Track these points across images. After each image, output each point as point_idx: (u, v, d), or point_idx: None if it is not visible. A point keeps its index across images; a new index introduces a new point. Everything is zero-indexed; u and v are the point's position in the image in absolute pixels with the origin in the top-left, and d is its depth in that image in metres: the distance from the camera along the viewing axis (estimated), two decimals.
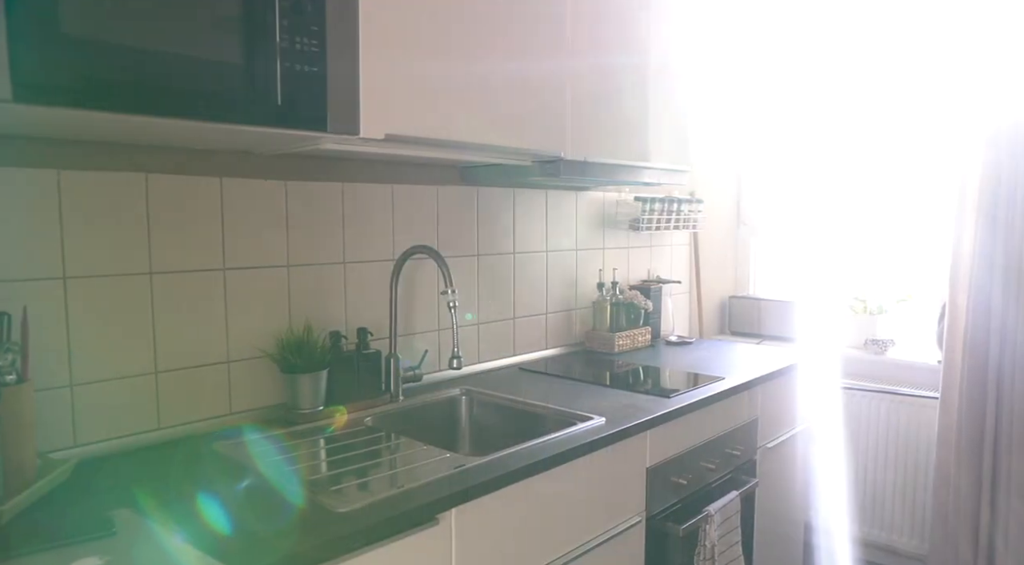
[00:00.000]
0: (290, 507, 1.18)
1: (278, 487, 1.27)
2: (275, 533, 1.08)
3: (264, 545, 1.05)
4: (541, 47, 1.81)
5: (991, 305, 2.43)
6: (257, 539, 1.07)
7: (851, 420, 2.90)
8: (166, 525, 1.09)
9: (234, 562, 0.99)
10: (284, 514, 1.16)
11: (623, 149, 2.14)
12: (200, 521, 1.12)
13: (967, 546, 2.50)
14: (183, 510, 1.16)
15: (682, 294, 3.09)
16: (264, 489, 1.27)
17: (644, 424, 1.70)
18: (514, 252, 2.32)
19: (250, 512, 1.17)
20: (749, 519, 2.23)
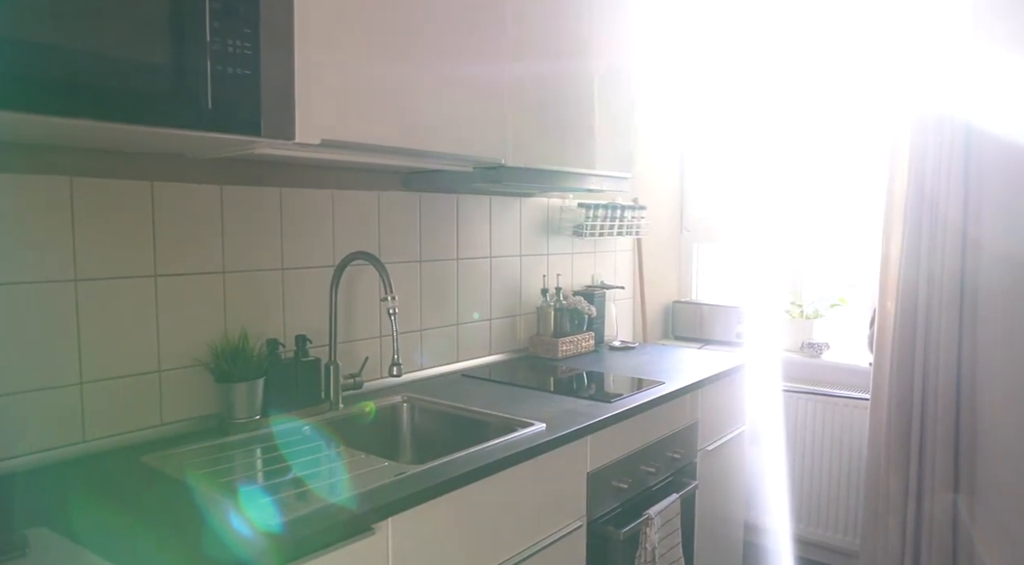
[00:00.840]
0: (218, 520, 1.15)
1: (206, 500, 1.23)
2: (200, 549, 1.05)
3: (188, 562, 1.02)
4: (480, 52, 1.81)
5: (917, 309, 2.53)
6: (180, 556, 1.03)
7: (788, 421, 2.98)
8: (83, 543, 1.05)
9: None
10: (211, 528, 1.13)
11: (566, 156, 2.15)
12: (120, 538, 1.09)
13: (895, 541, 2.59)
14: (103, 527, 1.12)
15: (626, 299, 3.13)
16: (191, 502, 1.23)
17: (584, 429, 1.72)
18: (457, 258, 2.32)
19: (174, 527, 1.13)
20: (689, 521, 2.27)
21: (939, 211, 2.48)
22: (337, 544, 1.17)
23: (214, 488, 1.28)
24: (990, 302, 2.50)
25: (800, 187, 3.19)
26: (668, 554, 2.04)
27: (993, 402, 2.51)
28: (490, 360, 2.46)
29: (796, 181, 3.19)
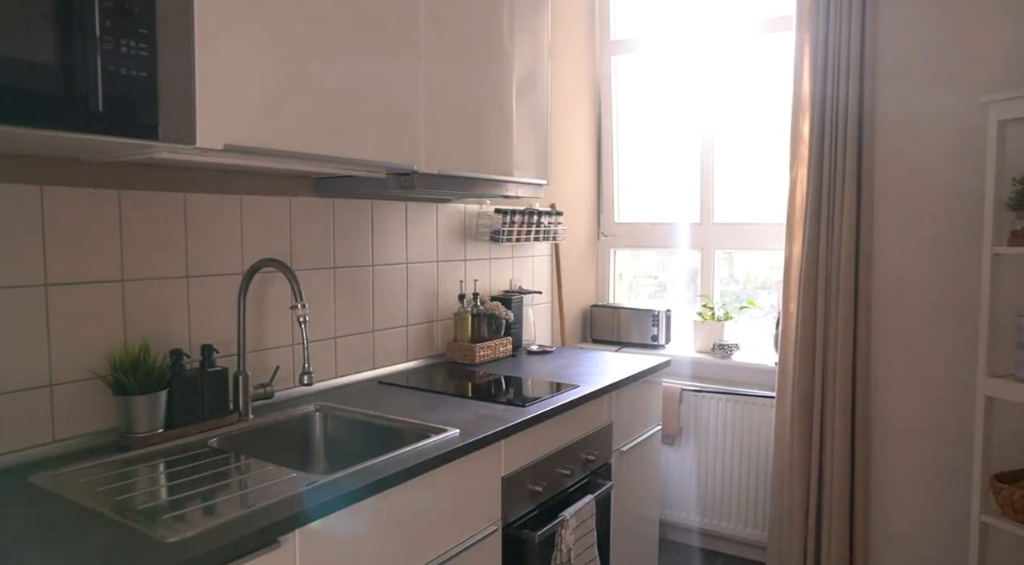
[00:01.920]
0: (111, 541, 1.10)
1: (99, 520, 1.18)
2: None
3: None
4: (392, 55, 1.80)
5: (816, 310, 2.67)
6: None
7: (700, 420, 3.08)
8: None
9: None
10: (103, 550, 1.08)
11: (482, 162, 2.17)
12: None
13: (799, 533, 2.71)
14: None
15: (544, 304, 3.17)
16: (82, 523, 1.18)
17: (498, 434, 1.73)
18: (372, 264, 2.29)
19: (62, 551, 1.08)
20: (605, 520, 2.31)
21: (835, 216, 2.62)
22: (240, 559, 1.14)
23: (109, 507, 1.23)
24: (882, 302, 2.67)
25: (713, 193, 3.30)
26: (583, 555, 2.07)
27: (886, 397, 2.67)
28: (407, 366, 2.44)
29: (710, 187, 3.31)
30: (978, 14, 2.47)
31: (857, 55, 2.57)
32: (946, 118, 2.55)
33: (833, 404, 2.63)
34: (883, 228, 2.67)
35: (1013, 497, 2.13)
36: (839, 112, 2.60)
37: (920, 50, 2.58)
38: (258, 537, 1.16)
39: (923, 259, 2.61)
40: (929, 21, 2.56)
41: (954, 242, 2.55)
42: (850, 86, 2.57)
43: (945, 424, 2.59)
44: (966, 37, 2.50)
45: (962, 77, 2.51)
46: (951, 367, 2.57)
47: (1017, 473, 2.28)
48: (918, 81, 2.59)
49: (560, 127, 3.25)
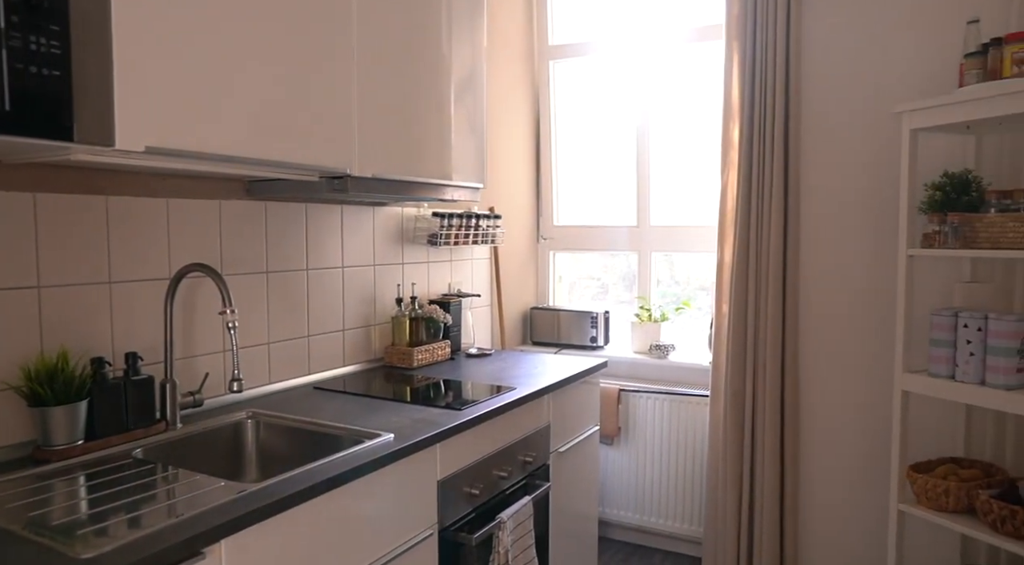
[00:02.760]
0: (21, 560, 1.06)
1: (9, 538, 1.13)
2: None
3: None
4: (323, 58, 1.78)
5: (747, 310, 2.75)
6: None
7: (638, 420, 3.14)
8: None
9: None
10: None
11: (417, 166, 2.16)
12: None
13: (733, 527, 2.79)
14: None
15: (483, 307, 3.18)
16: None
17: (434, 438, 1.73)
18: (307, 269, 2.26)
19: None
20: (543, 521, 2.33)
21: (764, 220, 2.71)
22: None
23: (21, 524, 1.18)
24: (808, 303, 2.77)
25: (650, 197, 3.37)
26: (521, 556, 2.08)
27: (813, 394, 2.77)
28: (344, 371, 2.42)
29: (646, 191, 3.37)
30: (895, 27, 2.59)
31: (783, 64, 2.67)
32: (865, 126, 2.66)
33: (763, 402, 2.71)
34: (809, 231, 2.77)
35: (927, 486, 2.24)
36: (766, 119, 2.69)
37: (841, 61, 2.69)
38: (181, 549, 1.14)
39: (846, 261, 2.72)
40: (849, 34, 2.67)
41: (874, 245, 2.66)
42: (776, 94, 2.66)
43: (867, 419, 2.70)
44: (883, 49, 2.61)
45: (879, 87, 2.62)
46: (872, 364, 2.68)
47: (932, 463, 2.39)
48: (840, 91, 2.70)
49: (499, 131, 3.27)
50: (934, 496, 2.23)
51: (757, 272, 2.72)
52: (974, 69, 2.12)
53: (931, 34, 2.52)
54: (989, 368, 2.11)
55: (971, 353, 2.15)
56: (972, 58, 2.13)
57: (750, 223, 2.74)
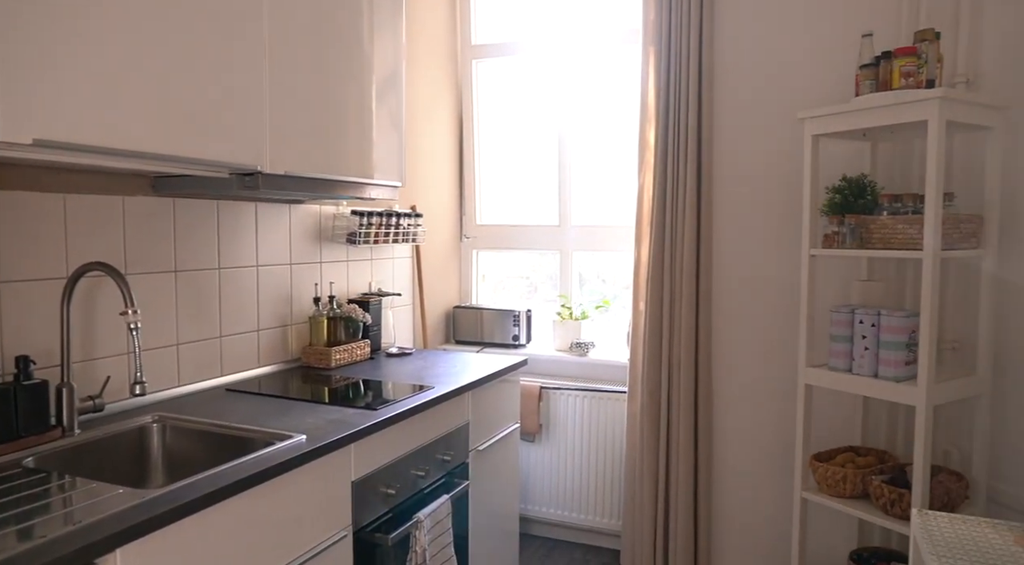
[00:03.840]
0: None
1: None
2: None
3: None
4: (231, 50, 1.74)
5: (663, 308, 2.83)
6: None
7: (559, 416, 3.18)
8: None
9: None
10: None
11: (333, 163, 2.13)
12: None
13: (649, 519, 2.87)
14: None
15: (405, 306, 3.16)
16: None
17: (347, 438, 1.71)
18: (219, 267, 2.20)
19: None
20: (463, 519, 2.34)
21: (679, 220, 2.80)
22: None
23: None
24: (720, 300, 2.87)
25: (570, 197, 3.42)
26: (439, 555, 2.09)
27: (725, 389, 2.88)
28: (259, 372, 2.36)
29: (567, 191, 3.42)
30: (803, 38, 2.71)
31: (696, 71, 2.76)
32: (774, 131, 2.77)
33: (678, 397, 2.80)
34: (721, 232, 2.87)
35: (827, 474, 2.36)
36: (681, 123, 2.78)
37: (752, 69, 2.80)
38: (72, 560, 1.09)
39: (756, 260, 2.83)
40: (759, 44, 2.78)
41: (781, 245, 2.78)
42: (690, 100, 2.75)
43: (776, 412, 2.82)
44: (792, 58, 2.73)
45: (787, 94, 2.74)
46: (780, 359, 2.80)
47: (832, 452, 2.53)
48: (750, 97, 2.81)
49: (422, 130, 3.26)
50: (833, 483, 2.36)
51: (672, 271, 2.81)
52: (868, 79, 2.25)
53: (835, 45, 2.65)
54: (881, 361, 2.24)
55: (866, 347, 2.28)
56: (866, 69, 2.26)
57: (665, 223, 2.82)
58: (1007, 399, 2.38)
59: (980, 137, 2.31)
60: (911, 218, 2.18)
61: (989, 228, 2.25)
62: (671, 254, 2.81)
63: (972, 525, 1.64)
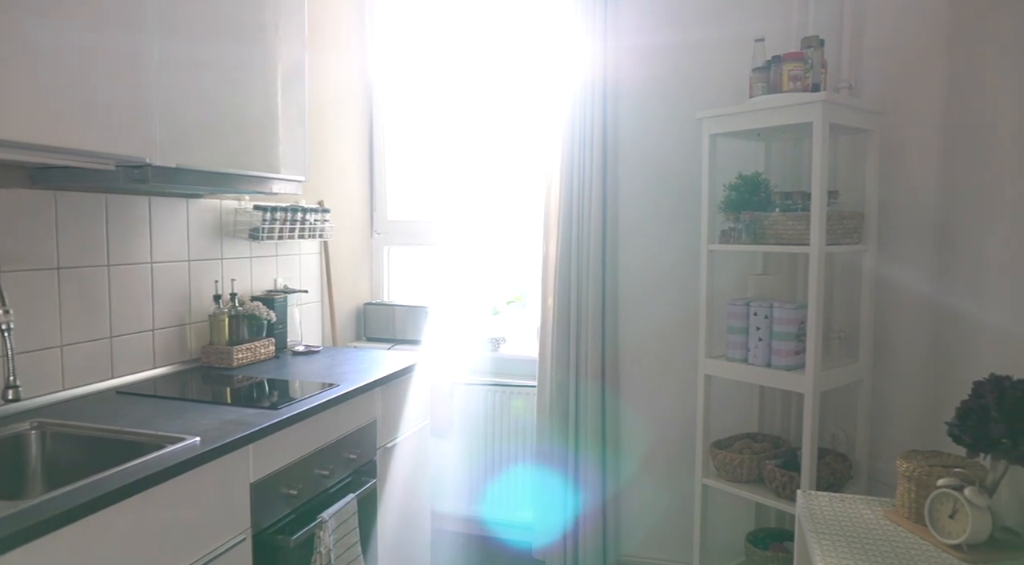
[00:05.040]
0: None
1: None
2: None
3: None
4: (115, 36, 1.65)
5: (570, 303, 2.88)
6: None
7: (469, 412, 3.19)
8: None
9: None
10: None
11: (230, 156, 2.06)
12: None
13: (560, 511, 2.92)
14: None
15: (313, 303, 3.10)
16: None
17: (245, 439, 1.67)
18: (109, 265, 2.09)
19: None
20: (371, 518, 2.32)
21: (585, 216, 2.85)
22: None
23: None
24: (626, 295, 2.95)
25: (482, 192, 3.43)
26: (345, 555, 2.06)
27: (632, 382, 2.96)
28: (155, 373, 2.26)
29: (479, 187, 3.43)
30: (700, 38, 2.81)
31: (601, 75, 2.81)
32: (674, 130, 2.86)
33: (586, 390, 2.86)
34: (626, 228, 2.95)
35: (725, 460, 2.46)
36: (587, 122, 2.83)
37: (654, 70, 2.88)
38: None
39: (659, 256, 2.92)
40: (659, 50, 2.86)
41: (683, 240, 2.87)
42: (595, 98, 2.81)
43: (679, 402, 2.91)
44: (692, 59, 2.82)
45: (688, 94, 2.83)
46: (683, 351, 2.89)
47: (731, 439, 2.64)
48: (652, 96, 2.89)
49: (331, 123, 3.20)
50: (731, 468, 2.46)
51: (579, 267, 2.86)
52: (760, 82, 2.35)
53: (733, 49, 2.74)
54: (774, 351, 2.36)
55: (759, 338, 2.39)
56: (758, 72, 2.36)
57: (572, 220, 2.87)
58: (885, 384, 2.54)
59: (862, 139, 2.45)
60: (800, 215, 2.30)
61: (869, 224, 2.40)
62: (578, 250, 2.87)
63: (849, 503, 1.75)
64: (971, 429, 1.49)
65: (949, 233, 2.36)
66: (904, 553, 1.48)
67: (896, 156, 2.52)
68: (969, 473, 1.55)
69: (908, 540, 1.54)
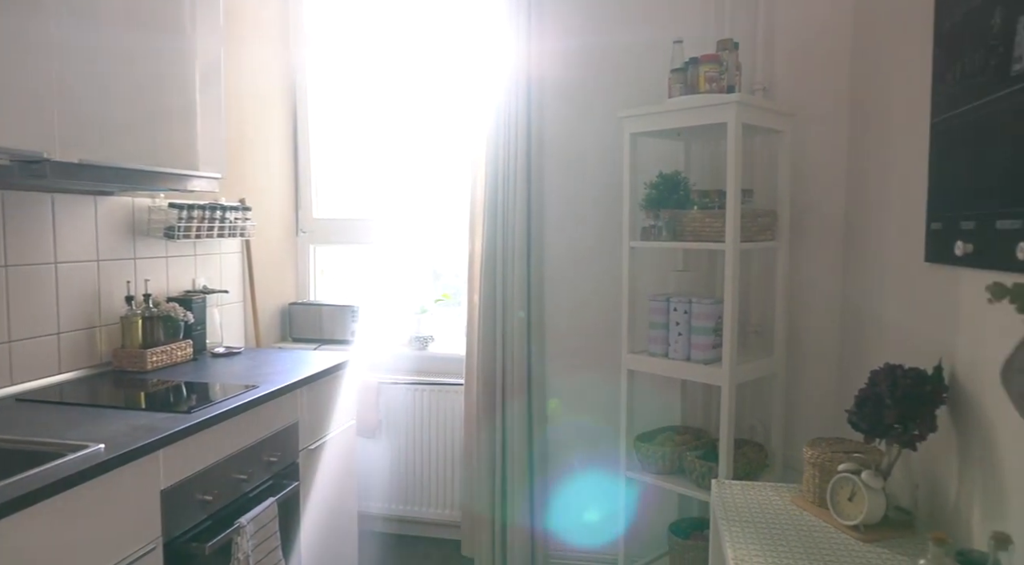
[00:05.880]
0: None
1: None
2: None
3: None
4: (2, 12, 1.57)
5: (495, 300, 2.89)
6: None
7: (397, 411, 3.17)
8: None
9: None
10: None
11: (140, 151, 1.99)
12: None
13: (487, 507, 2.93)
14: None
15: (235, 303, 3.02)
16: None
17: (154, 444, 1.61)
18: (7, 265, 1.99)
19: None
20: (294, 522, 2.28)
21: (510, 214, 2.86)
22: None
23: None
24: (551, 292, 2.98)
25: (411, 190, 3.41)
26: (265, 560, 2.02)
27: (557, 377, 2.99)
28: (61, 379, 2.16)
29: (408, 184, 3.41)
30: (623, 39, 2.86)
31: (526, 74, 2.83)
32: (598, 130, 2.90)
33: (512, 386, 2.87)
34: (551, 225, 2.97)
35: (648, 453, 2.52)
36: (512, 120, 2.84)
37: (577, 70, 2.91)
38: None
39: (583, 253, 2.96)
40: (584, 45, 2.90)
41: (606, 238, 2.91)
42: (519, 96, 2.82)
43: (605, 397, 2.95)
44: (614, 60, 2.87)
45: (608, 95, 2.88)
46: (607, 346, 2.94)
47: (655, 432, 2.70)
48: (576, 96, 2.92)
49: (252, 119, 3.12)
50: (654, 461, 2.52)
51: (504, 264, 2.87)
52: (678, 83, 2.41)
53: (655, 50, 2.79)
54: (694, 346, 2.42)
55: (679, 333, 2.45)
56: (677, 73, 2.42)
57: (497, 217, 2.88)
58: (798, 376, 2.65)
59: (776, 140, 2.54)
60: (717, 213, 2.37)
61: (782, 222, 2.49)
62: (503, 247, 2.88)
63: (759, 490, 1.81)
64: (868, 416, 1.56)
65: (853, 230, 2.48)
66: (807, 536, 1.55)
67: (807, 157, 2.62)
68: (867, 458, 1.63)
69: (812, 523, 1.61)
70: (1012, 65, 1.22)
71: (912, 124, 1.84)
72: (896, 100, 2.08)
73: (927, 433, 1.52)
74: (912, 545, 1.49)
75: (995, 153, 1.31)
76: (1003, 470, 1.33)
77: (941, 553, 1.19)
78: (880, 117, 2.23)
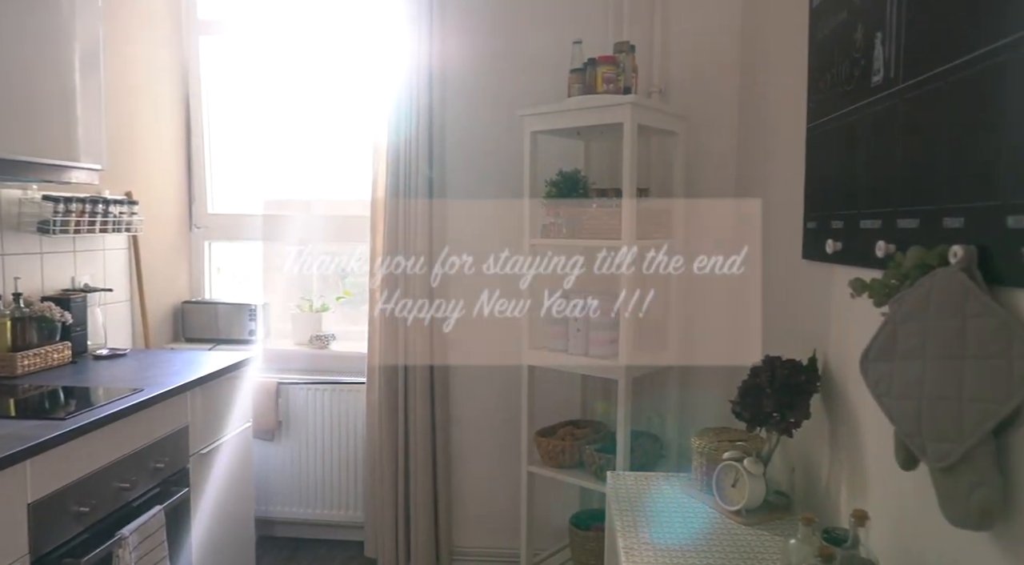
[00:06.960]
0: None
1: None
2: None
3: None
4: None
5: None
6: None
7: (298, 412, 3.09)
8: None
9: None
10: None
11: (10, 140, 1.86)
12: None
13: (391, 506, 2.90)
14: None
15: (121, 302, 2.86)
16: None
17: (18, 455, 1.51)
18: None
19: None
20: (185, 529, 2.18)
21: (411, 211, 2.84)
22: None
23: None
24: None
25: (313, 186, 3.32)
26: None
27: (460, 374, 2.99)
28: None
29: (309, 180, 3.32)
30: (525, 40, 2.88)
31: (427, 71, 2.81)
32: (501, 127, 2.91)
33: (415, 384, 2.85)
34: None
35: (549, 447, 2.56)
36: (413, 117, 2.81)
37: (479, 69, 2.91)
38: None
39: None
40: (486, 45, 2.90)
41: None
42: (420, 92, 2.80)
43: (506, 392, 2.96)
44: (516, 60, 2.89)
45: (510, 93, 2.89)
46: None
47: (556, 427, 2.74)
48: (477, 94, 2.92)
49: (141, 109, 2.96)
50: (554, 455, 2.56)
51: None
52: (577, 83, 2.45)
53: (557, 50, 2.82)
54: (592, 341, 2.47)
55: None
56: (575, 73, 2.46)
57: (399, 214, 2.85)
58: (693, 368, 2.75)
59: (671, 141, 2.63)
60: (614, 211, 2.42)
61: (676, 220, 2.58)
62: (404, 243, 2.85)
63: (652, 480, 1.88)
64: (749, 406, 1.64)
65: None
66: (695, 522, 1.61)
67: (700, 159, 2.73)
68: (749, 446, 1.71)
69: (699, 510, 1.68)
70: (871, 77, 1.31)
71: (792, 129, 1.94)
72: (778, 106, 2.19)
73: (802, 420, 1.61)
74: (789, 527, 1.58)
75: (858, 158, 1.41)
76: (865, 453, 1.43)
77: (809, 532, 1.26)
78: (765, 122, 2.35)
